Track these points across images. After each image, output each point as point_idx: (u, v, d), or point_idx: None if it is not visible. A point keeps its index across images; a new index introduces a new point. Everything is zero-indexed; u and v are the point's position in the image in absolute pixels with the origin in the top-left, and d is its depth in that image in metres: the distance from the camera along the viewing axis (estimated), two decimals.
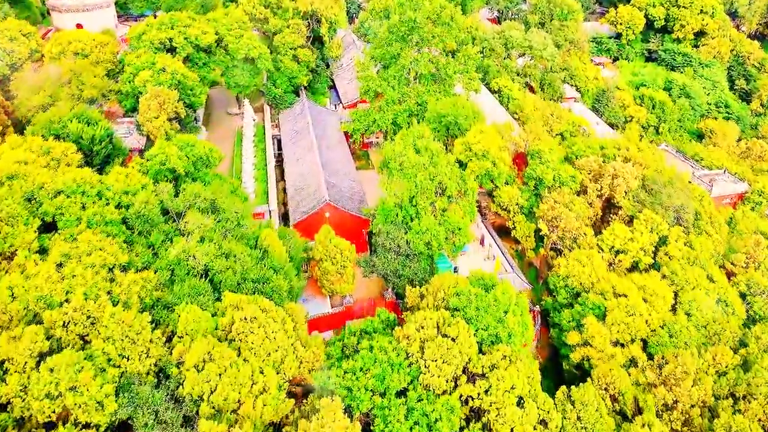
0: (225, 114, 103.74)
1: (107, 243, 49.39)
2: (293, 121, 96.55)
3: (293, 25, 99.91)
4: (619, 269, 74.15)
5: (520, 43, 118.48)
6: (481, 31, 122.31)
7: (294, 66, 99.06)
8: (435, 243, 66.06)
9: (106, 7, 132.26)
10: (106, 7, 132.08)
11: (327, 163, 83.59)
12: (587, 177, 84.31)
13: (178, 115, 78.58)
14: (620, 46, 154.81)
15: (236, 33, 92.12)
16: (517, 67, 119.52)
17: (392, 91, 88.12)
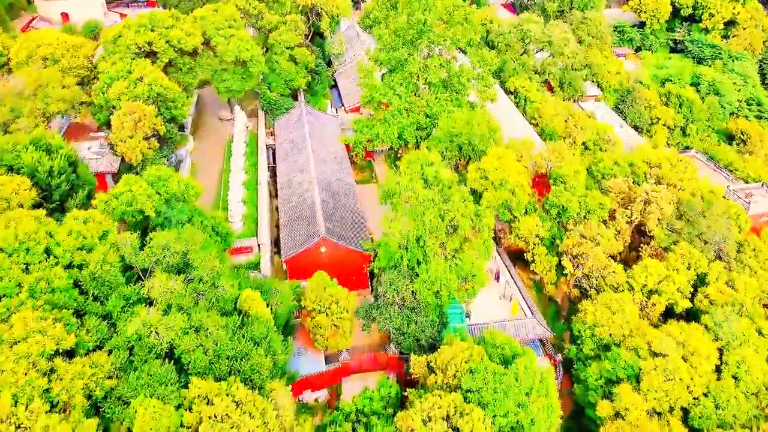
0: (216, 119, 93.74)
1: (49, 324, 40.17)
2: (289, 130, 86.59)
3: (290, 22, 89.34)
4: (653, 313, 64.68)
5: (539, 39, 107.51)
6: (497, 25, 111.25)
7: (291, 67, 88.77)
8: (445, 292, 56.74)
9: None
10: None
11: (325, 183, 73.94)
12: (616, 201, 74.45)
13: (157, 131, 68.93)
14: (644, 35, 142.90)
15: (226, 32, 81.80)
16: (535, 65, 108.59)
17: (399, 99, 77.91)
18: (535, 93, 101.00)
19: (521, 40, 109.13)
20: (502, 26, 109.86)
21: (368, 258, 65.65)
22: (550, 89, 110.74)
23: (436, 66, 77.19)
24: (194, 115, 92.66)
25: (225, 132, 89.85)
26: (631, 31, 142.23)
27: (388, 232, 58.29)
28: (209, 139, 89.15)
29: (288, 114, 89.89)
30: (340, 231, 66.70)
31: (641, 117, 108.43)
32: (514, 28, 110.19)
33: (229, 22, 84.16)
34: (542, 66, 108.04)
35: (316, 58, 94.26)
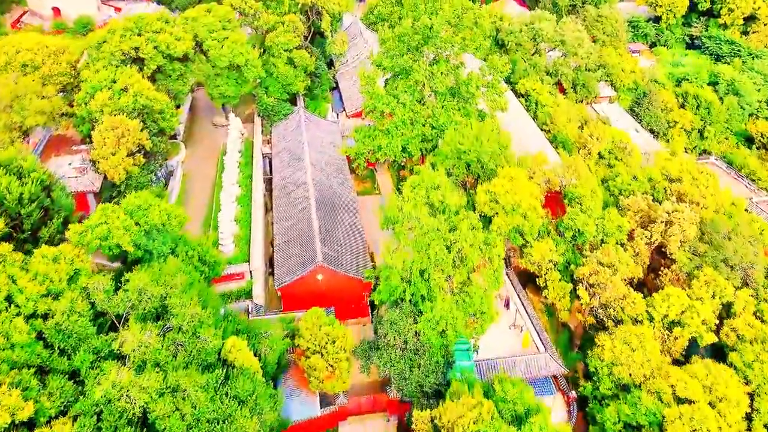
0: (211, 125, 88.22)
1: (3, 390, 35.20)
2: (287, 138, 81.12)
3: (288, 23, 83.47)
4: (675, 348, 59.46)
5: (551, 38, 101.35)
6: (507, 23, 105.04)
7: (289, 71, 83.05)
8: (452, 331, 51.61)
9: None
10: None
11: (323, 198, 68.68)
12: (634, 220, 69.01)
13: (143, 146, 63.65)
14: (659, 30, 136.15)
15: (219, 35, 76.11)
16: (547, 65, 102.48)
17: (403, 108, 72.19)
18: (546, 96, 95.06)
19: (532, 39, 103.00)
20: (513, 24, 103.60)
21: (368, 285, 60.57)
22: (562, 90, 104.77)
23: (443, 73, 71.45)
24: (187, 119, 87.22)
25: (220, 138, 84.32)
26: (646, 26, 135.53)
27: (390, 263, 53.05)
28: (203, 146, 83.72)
29: (286, 120, 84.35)
30: (338, 256, 61.51)
31: (658, 121, 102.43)
32: (525, 27, 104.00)
33: (223, 23, 78.46)
34: (554, 66, 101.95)
35: (316, 60, 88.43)
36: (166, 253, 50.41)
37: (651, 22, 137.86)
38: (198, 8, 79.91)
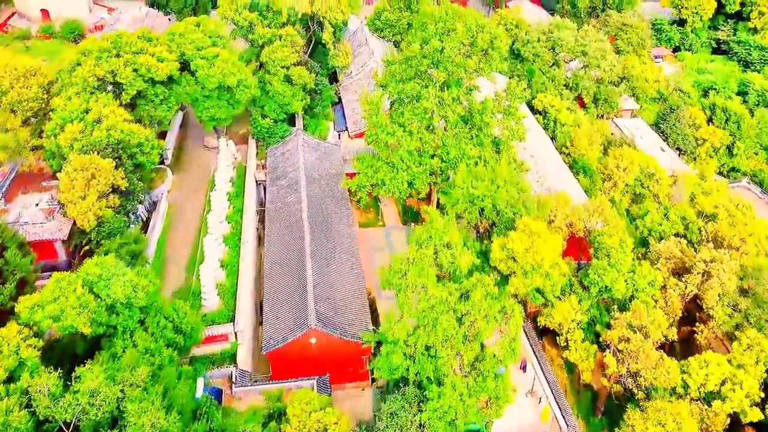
0: (202, 145, 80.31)
1: None
2: (282, 165, 73.18)
3: (285, 37, 75.10)
4: (716, 426, 51.70)
5: (572, 49, 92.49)
6: (524, 31, 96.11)
7: (286, 90, 74.84)
8: (462, 421, 44.02)
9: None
10: None
11: (320, 241, 60.94)
12: (666, 268, 61.00)
13: (118, 187, 55.98)
14: (683, 34, 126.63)
15: (209, 53, 67.98)
16: (566, 78, 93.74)
17: (409, 138, 63.94)
18: (566, 114, 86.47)
19: (551, 50, 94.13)
20: (530, 33, 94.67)
21: (368, 349, 52.99)
22: (581, 104, 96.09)
23: (455, 99, 63.12)
24: (177, 138, 79.39)
25: (212, 161, 76.47)
26: (670, 29, 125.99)
27: (392, 337, 45.38)
28: (192, 171, 75.98)
29: (282, 144, 76.30)
30: (334, 314, 53.82)
31: (686, 139, 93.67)
32: (543, 35, 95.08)
33: (213, 39, 70.30)
34: (574, 80, 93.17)
35: (316, 76, 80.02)
36: (134, 328, 42.91)
37: (675, 24, 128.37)
38: (187, 21, 71.70)
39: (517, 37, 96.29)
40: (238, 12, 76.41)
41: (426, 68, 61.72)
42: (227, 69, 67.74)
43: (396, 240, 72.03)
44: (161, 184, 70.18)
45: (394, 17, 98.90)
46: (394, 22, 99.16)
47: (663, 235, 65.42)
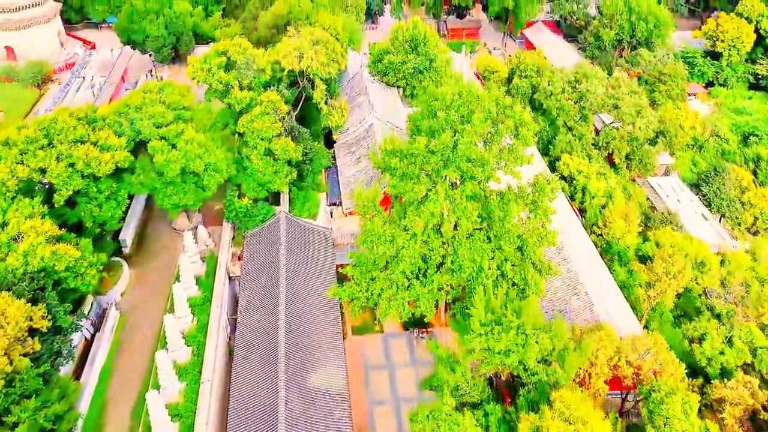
0: (170, 228, 66.58)
1: None
2: (260, 258, 59.40)
3: (266, 104, 61.07)
4: None
5: (602, 103, 77.88)
6: (547, 80, 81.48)
7: (267, 166, 61.00)
8: None
9: (46, 23, 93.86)
10: (45, 22, 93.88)
11: (299, 370, 47.30)
12: (732, 416, 47.06)
13: (38, 329, 42.41)
14: (718, 67, 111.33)
15: (171, 131, 54.21)
16: (595, 137, 79.22)
17: (413, 243, 49.89)
18: (596, 182, 72.18)
19: (577, 102, 79.54)
20: (554, 83, 79.91)
21: None
22: (611, 162, 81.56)
23: (469, 197, 48.91)
24: (140, 218, 65.70)
25: (179, 252, 62.73)
26: (704, 64, 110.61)
27: None
28: (157, 261, 62.50)
29: (262, 229, 62.48)
30: None
31: (732, 205, 79.07)
32: (569, 85, 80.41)
33: (178, 111, 56.47)
34: (604, 137, 78.62)
35: (306, 143, 65.98)
36: None
37: (708, 57, 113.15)
38: (148, 88, 57.76)
39: (538, 86, 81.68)
40: (211, 73, 62.40)
41: (435, 167, 47.59)
42: (192, 151, 53.96)
43: (397, 353, 58.33)
44: (114, 285, 56.61)
45: (398, 60, 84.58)
46: (398, 66, 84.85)
47: (726, 366, 51.35)
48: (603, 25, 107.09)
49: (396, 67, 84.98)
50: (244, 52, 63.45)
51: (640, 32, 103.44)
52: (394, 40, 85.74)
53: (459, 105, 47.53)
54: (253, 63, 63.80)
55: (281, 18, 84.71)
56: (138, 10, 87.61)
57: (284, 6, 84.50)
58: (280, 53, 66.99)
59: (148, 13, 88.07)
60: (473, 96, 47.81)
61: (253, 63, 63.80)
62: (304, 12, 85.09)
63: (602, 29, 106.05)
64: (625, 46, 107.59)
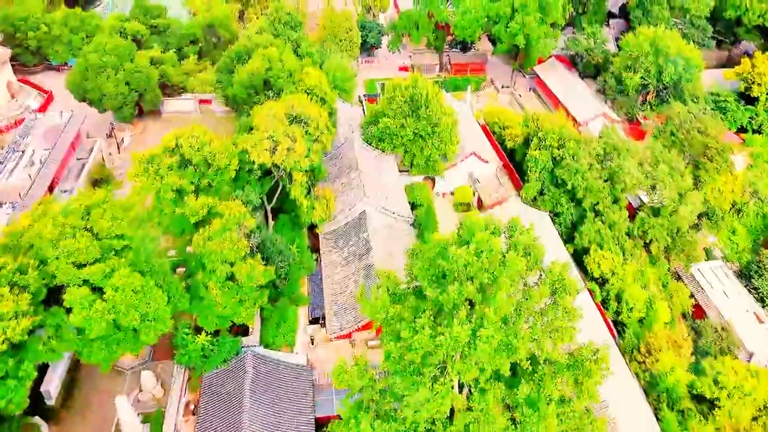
0: (113, 370, 51.87)
1: None
2: (219, 414, 44.97)
3: (229, 218, 46.34)
4: None
5: (638, 182, 63.18)
6: (570, 150, 66.58)
7: (228, 297, 46.38)
8: None
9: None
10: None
11: None
12: None
13: None
14: (752, 112, 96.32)
15: (96, 272, 39.64)
16: (630, 225, 64.43)
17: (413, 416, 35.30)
18: (636, 290, 57.64)
19: (607, 180, 64.79)
20: (579, 158, 64.96)
21: None
22: (647, 250, 66.84)
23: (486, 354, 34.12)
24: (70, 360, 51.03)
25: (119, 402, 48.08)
26: (737, 108, 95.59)
27: None
28: (91, 415, 47.88)
29: (223, 372, 47.98)
30: None
31: None
32: (596, 160, 65.54)
33: (110, 242, 41.77)
34: (640, 226, 63.91)
35: (282, 258, 51.25)
36: None
37: (739, 99, 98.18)
38: (69, 209, 42.92)
39: (560, 159, 66.77)
40: (159, 176, 47.57)
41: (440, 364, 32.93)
42: (124, 301, 39.31)
43: None
44: None
45: (396, 124, 69.75)
46: (396, 131, 70.06)
47: None
48: (625, 66, 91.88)
49: (393, 133, 70.20)
50: (202, 149, 48.46)
51: (668, 76, 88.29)
52: (391, 100, 70.78)
53: (477, 270, 32.78)
54: (214, 160, 48.87)
55: (259, 77, 69.68)
56: (93, 64, 72.41)
57: (262, 63, 69.40)
58: (249, 142, 52.12)
59: (105, 68, 72.86)
60: (496, 258, 33.03)
61: (214, 160, 48.87)
62: (287, 68, 70.01)
63: (625, 72, 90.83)
64: (650, 90, 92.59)
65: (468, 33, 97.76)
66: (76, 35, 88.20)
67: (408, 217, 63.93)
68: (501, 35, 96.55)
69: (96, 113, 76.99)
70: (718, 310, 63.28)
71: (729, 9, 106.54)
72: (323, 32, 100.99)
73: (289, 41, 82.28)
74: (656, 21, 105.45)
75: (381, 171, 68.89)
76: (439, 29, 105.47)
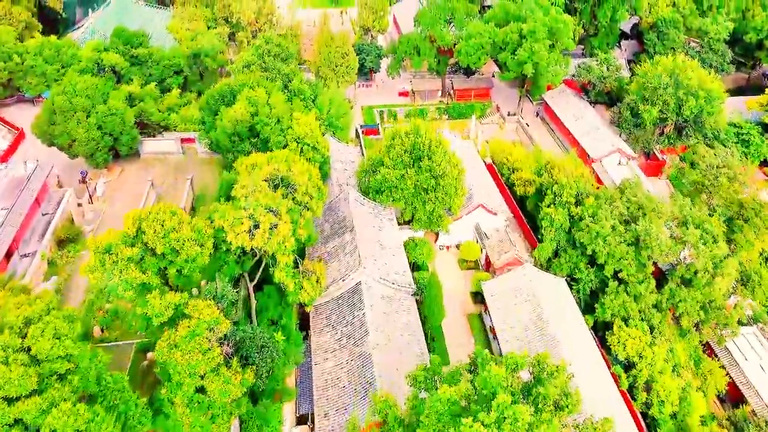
0: None
1: None
2: None
3: (198, 322, 38.27)
4: None
5: (668, 250, 55.06)
6: (591, 209, 58.41)
7: (197, 417, 38.36)
8: None
9: None
10: None
11: None
12: None
13: None
14: None
15: (31, 408, 31.60)
16: (658, 297, 56.31)
17: None
18: (667, 379, 49.67)
19: (632, 244, 56.68)
20: (599, 220, 56.83)
21: None
22: (675, 319, 58.86)
23: None
24: None
25: None
26: (761, 141, 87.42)
27: None
28: None
29: None
30: None
31: None
32: (619, 219, 57.41)
33: (50, 365, 33.78)
34: (669, 298, 55.84)
35: (264, 356, 43.19)
36: None
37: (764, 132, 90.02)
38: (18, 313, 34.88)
39: (578, 220, 58.71)
40: (118, 270, 39.43)
41: None
42: None
43: None
44: None
45: (395, 176, 61.57)
46: (396, 183, 61.92)
47: None
48: (642, 98, 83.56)
49: (393, 185, 62.03)
50: (168, 236, 40.31)
51: (688, 110, 79.98)
52: (390, 148, 62.59)
53: None
54: (183, 248, 40.75)
55: (243, 124, 61.54)
56: (60, 107, 64.16)
57: (246, 109, 61.25)
58: (226, 221, 43.96)
59: (75, 111, 64.60)
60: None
61: (183, 248, 40.75)
62: (275, 114, 61.88)
63: (642, 105, 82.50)
64: (669, 123, 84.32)
65: (472, 60, 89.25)
66: (51, 65, 79.62)
67: (409, 287, 55.87)
68: (508, 63, 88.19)
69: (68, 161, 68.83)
70: (756, 391, 55.40)
71: (750, 32, 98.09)
72: (318, 57, 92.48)
73: (279, 75, 74.18)
74: (672, 45, 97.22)
75: (379, 229, 60.78)
76: (442, 54, 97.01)
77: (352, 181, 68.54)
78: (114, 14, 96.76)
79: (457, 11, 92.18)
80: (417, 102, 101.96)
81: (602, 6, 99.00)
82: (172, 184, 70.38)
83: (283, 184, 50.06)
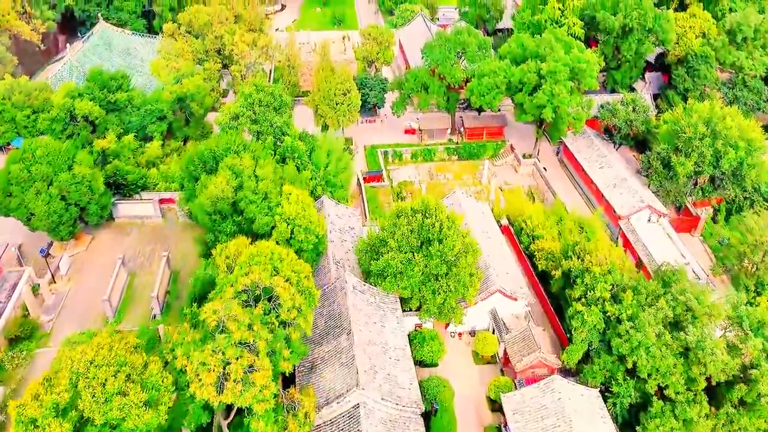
0: None
1: None
2: None
3: None
4: None
5: (724, 367, 44.99)
6: (629, 309, 48.31)
7: None
8: None
9: None
10: None
11: None
12: None
13: None
14: None
15: None
16: (711, 420, 46.25)
17: None
18: None
19: (681, 355, 46.60)
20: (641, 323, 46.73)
21: None
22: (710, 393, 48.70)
23: None
24: None
25: None
26: None
27: None
28: None
29: None
30: None
31: None
32: (664, 324, 47.34)
33: None
34: (726, 423, 45.78)
35: None
36: None
37: None
38: None
39: (614, 321, 48.67)
40: None
41: None
42: None
43: None
44: None
45: (400, 260, 51.51)
46: (401, 268, 51.88)
47: None
48: (675, 148, 73.26)
49: (398, 270, 52.04)
50: (111, 401, 30.49)
51: (726, 163, 69.65)
52: (395, 229, 52.62)
53: None
54: (129, 416, 30.97)
55: (224, 202, 51.65)
56: (17, 178, 54.40)
57: (229, 182, 51.37)
58: (190, 364, 34.16)
59: (34, 181, 54.80)
60: None
61: (129, 416, 30.97)
62: (261, 189, 51.98)
63: (675, 156, 72.16)
64: (703, 175, 73.93)
65: (486, 100, 78.91)
66: (21, 111, 69.86)
67: (415, 404, 46.02)
68: (525, 105, 77.94)
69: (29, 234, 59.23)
70: None
71: None
72: (317, 94, 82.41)
73: (271, 128, 64.28)
74: (704, 82, 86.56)
75: (381, 325, 50.93)
76: (452, 90, 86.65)
77: (351, 257, 58.72)
78: (95, 47, 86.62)
79: (469, 45, 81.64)
80: (424, 141, 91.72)
81: (627, 39, 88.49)
82: (148, 258, 60.61)
83: (264, 296, 40.28)
